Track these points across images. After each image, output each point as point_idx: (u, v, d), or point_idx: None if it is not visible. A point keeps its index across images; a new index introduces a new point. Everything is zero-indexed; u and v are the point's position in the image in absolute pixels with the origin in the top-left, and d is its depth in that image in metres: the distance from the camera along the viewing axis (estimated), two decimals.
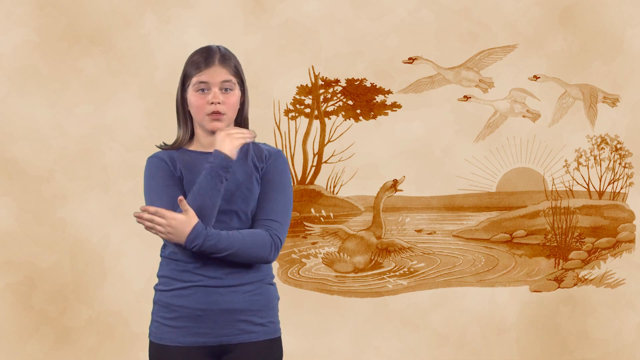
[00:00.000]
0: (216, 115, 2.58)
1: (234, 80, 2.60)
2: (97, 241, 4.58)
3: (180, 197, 2.47)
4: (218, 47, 2.64)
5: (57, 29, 4.55)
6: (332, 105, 4.72)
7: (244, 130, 2.57)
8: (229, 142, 2.53)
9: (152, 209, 2.49)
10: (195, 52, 2.63)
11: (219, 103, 2.58)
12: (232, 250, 2.53)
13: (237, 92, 2.62)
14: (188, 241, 2.49)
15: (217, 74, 2.58)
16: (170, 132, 2.77)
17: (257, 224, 2.61)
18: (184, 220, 2.48)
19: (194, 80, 2.59)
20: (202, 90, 2.59)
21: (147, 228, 2.51)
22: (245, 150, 2.66)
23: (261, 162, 2.65)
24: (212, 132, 2.61)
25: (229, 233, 2.54)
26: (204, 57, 2.60)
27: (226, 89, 2.60)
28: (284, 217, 2.63)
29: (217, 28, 4.61)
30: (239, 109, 2.65)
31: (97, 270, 4.58)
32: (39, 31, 4.54)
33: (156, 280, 2.68)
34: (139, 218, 2.50)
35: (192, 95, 2.60)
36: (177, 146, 2.66)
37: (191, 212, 2.49)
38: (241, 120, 2.68)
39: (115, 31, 4.57)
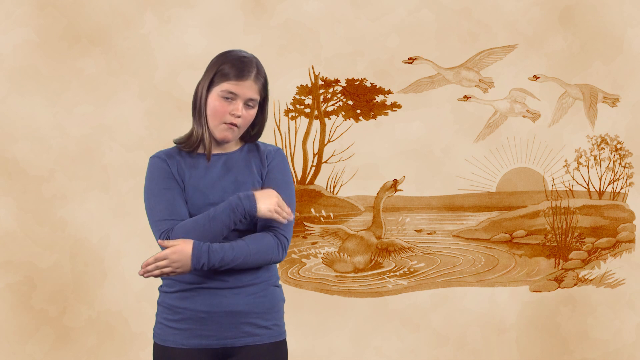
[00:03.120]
0: (232, 126, 2.59)
1: (258, 99, 2.61)
2: (97, 241, 4.58)
3: (159, 241, 2.49)
4: (255, 62, 2.62)
5: (57, 29, 4.55)
6: (332, 105, 4.72)
7: (284, 211, 2.56)
8: (268, 204, 2.53)
9: (150, 259, 2.49)
10: (231, 57, 2.61)
11: (239, 117, 2.58)
12: (240, 259, 2.54)
13: (255, 109, 2.63)
14: (195, 262, 2.49)
15: (248, 89, 2.58)
16: (170, 132, 2.78)
17: (263, 224, 2.61)
18: (180, 247, 2.49)
19: (224, 86, 2.57)
20: (228, 98, 2.58)
21: (159, 276, 2.52)
22: (247, 152, 2.66)
23: (262, 161, 2.66)
24: (221, 141, 2.62)
25: (232, 243, 2.55)
26: (240, 69, 2.58)
27: (249, 106, 2.60)
28: None
29: (217, 28, 4.60)
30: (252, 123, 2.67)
31: (97, 270, 4.58)
32: (39, 31, 4.54)
33: (156, 280, 2.67)
34: (147, 273, 2.50)
35: (215, 99, 2.59)
36: (191, 146, 2.63)
37: (179, 240, 2.50)
38: (250, 133, 2.68)
39: (115, 31, 4.57)
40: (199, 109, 2.63)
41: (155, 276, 2.49)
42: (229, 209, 2.51)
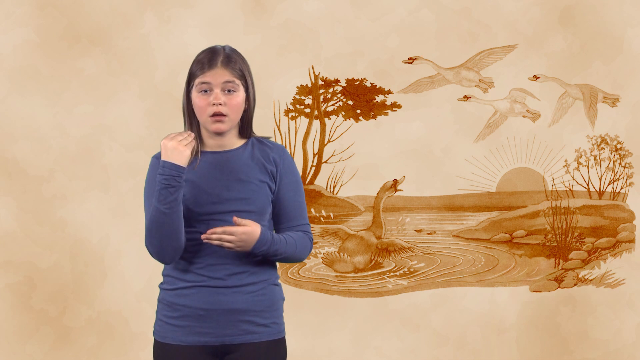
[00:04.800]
0: (218, 116, 2.56)
1: (237, 81, 2.57)
2: (97, 241, 4.58)
3: (234, 218, 2.50)
4: (224, 47, 2.61)
5: (57, 29, 4.55)
6: (332, 105, 4.72)
7: (183, 134, 2.55)
8: (178, 153, 2.52)
9: (219, 229, 2.50)
10: (200, 52, 2.61)
11: (220, 104, 2.56)
12: (286, 254, 2.60)
13: (240, 94, 2.58)
14: (256, 246, 2.53)
15: (219, 75, 2.56)
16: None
17: (295, 229, 2.65)
18: (251, 229, 2.51)
19: (197, 81, 2.57)
20: (205, 91, 2.57)
21: (217, 245, 2.54)
22: (250, 149, 2.64)
23: (269, 163, 2.63)
24: (216, 134, 2.60)
25: (287, 238, 2.60)
26: (208, 58, 2.58)
27: (229, 90, 2.57)
28: (307, 216, 2.70)
29: (217, 28, 4.61)
30: (244, 111, 2.63)
31: (97, 270, 4.58)
32: (39, 31, 4.54)
33: (156, 279, 2.67)
34: (208, 240, 2.51)
35: (195, 96, 2.58)
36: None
37: (250, 222, 2.52)
38: (245, 123, 2.65)
39: (115, 31, 4.57)
40: (187, 113, 2.63)
41: (213, 244, 2.52)
42: (161, 188, 2.51)
